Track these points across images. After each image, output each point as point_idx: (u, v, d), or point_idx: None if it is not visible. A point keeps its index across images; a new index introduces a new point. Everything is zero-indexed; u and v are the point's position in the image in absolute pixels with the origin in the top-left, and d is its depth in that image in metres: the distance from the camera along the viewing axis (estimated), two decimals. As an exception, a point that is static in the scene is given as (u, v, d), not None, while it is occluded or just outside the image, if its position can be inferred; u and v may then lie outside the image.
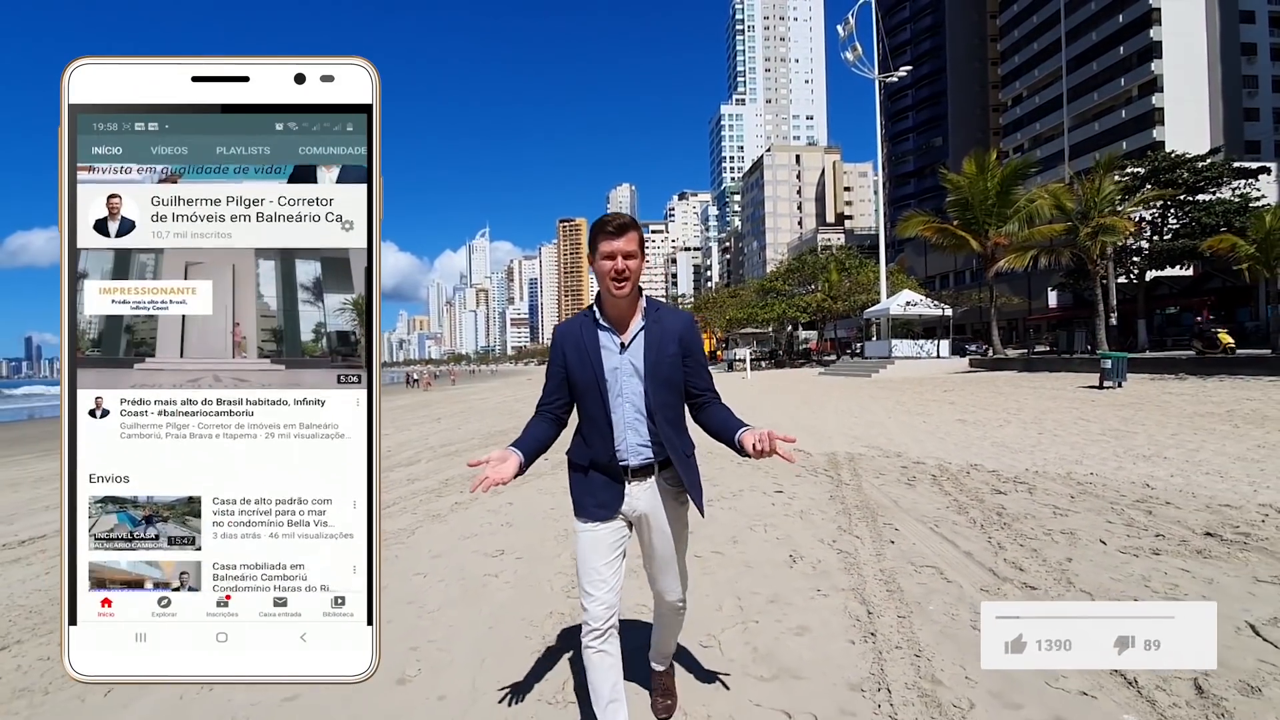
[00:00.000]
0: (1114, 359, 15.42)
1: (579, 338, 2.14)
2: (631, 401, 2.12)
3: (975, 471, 7.04)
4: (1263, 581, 3.63)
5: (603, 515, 2.16)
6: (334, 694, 2.78)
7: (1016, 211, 27.17)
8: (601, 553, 2.15)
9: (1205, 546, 4.24)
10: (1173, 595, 3.50)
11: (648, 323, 2.13)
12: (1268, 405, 11.23)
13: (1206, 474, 6.36)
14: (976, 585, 3.77)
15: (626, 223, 2.02)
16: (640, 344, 2.11)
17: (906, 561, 4.25)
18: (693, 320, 2.25)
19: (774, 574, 4.16)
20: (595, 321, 2.14)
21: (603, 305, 2.13)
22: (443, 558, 4.82)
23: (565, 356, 2.16)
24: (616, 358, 2.11)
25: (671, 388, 2.15)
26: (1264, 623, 3.12)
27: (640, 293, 2.15)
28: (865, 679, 2.78)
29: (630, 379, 2.11)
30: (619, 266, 2.01)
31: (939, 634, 3.18)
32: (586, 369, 2.11)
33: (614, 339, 2.12)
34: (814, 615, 3.48)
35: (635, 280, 2.05)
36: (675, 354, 2.14)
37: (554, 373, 2.20)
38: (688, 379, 2.21)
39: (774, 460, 8.14)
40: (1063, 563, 4.06)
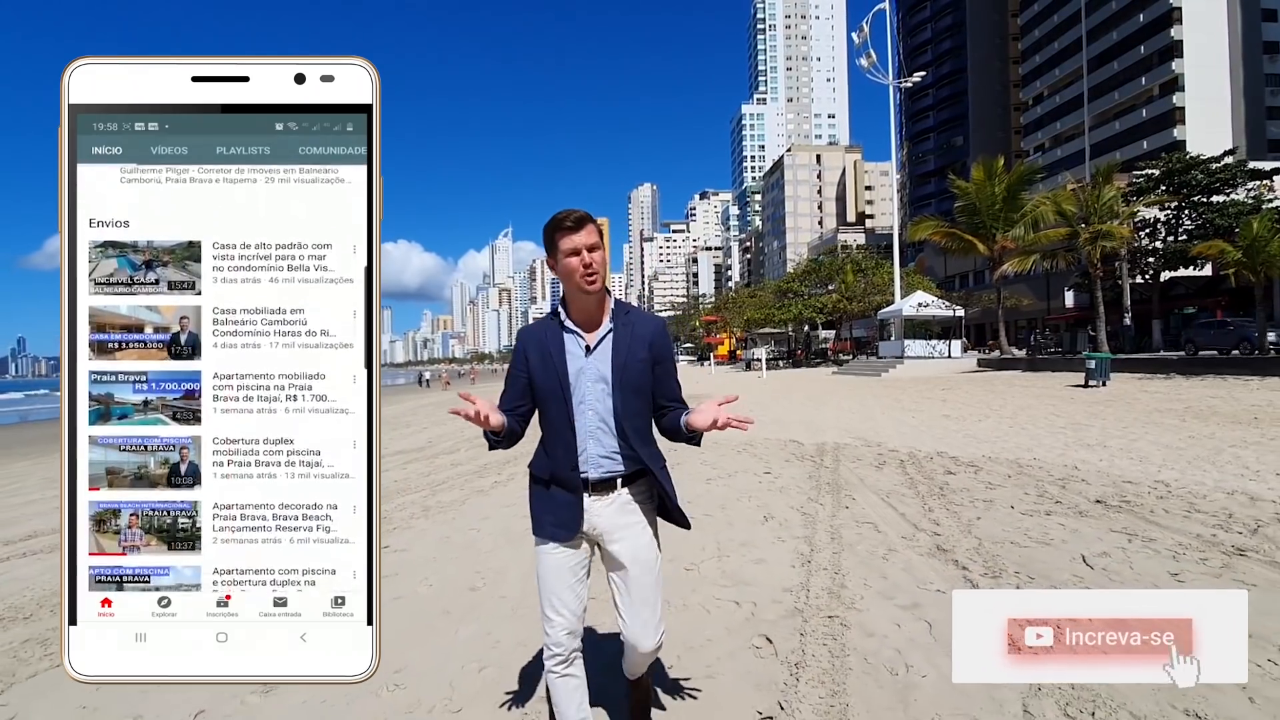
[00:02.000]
0: (1097, 359, 16.42)
1: (542, 340, 2.04)
2: (594, 409, 2.00)
3: (939, 458, 8.19)
4: (1115, 532, 4.78)
5: (561, 535, 2.03)
6: (414, 619, 4.06)
7: (1023, 216, 27.99)
8: (561, 576, 2.04)
9: (1088, 509, 5.39)
10: (1042, 540, 4.66)
11: (616, 325, 2.03)
12: (1225, 403, 12.20)
13: (1129, 458, 7.46)
14: (899, 534, 4.96)
15: (582, 216, 1.95)
16: (608, 347, 2.01)
17: (853, 520, 5.45)
18: (664, 325, 2.17)
19: (749, 528, 5.38)
20: (560, 324, 2.04)
21: (568, 307, 2.04)
22: (490, 519, 6.11)
23: (528, 360, 2.05)
24: (581, 361, 2.01)
25: (639, 395, 2.04)
26: (1095, 555, 4.28)
27: (609, 293, 2.06)
28: (794, 586, 4.00)
29: (595, 384, 2.00)
30: (586, 260, 1.92)
31: (857, 563, 4.38)
32: (550, 372, 2.00)
33: (579, 341, 2.02)
34: (770, 552, 4.71)
35: (603, 274, 1.97)
36: (645, 359, 2.03)
37: (515, 377, 2.09)
38: (656, 388, 2.10)
39: (767, 447, 9.36)
40: (972, 521, 5.23)
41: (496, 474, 8.36)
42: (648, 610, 2.07)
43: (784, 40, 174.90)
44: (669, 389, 2.12)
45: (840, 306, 42.81)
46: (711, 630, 3.41)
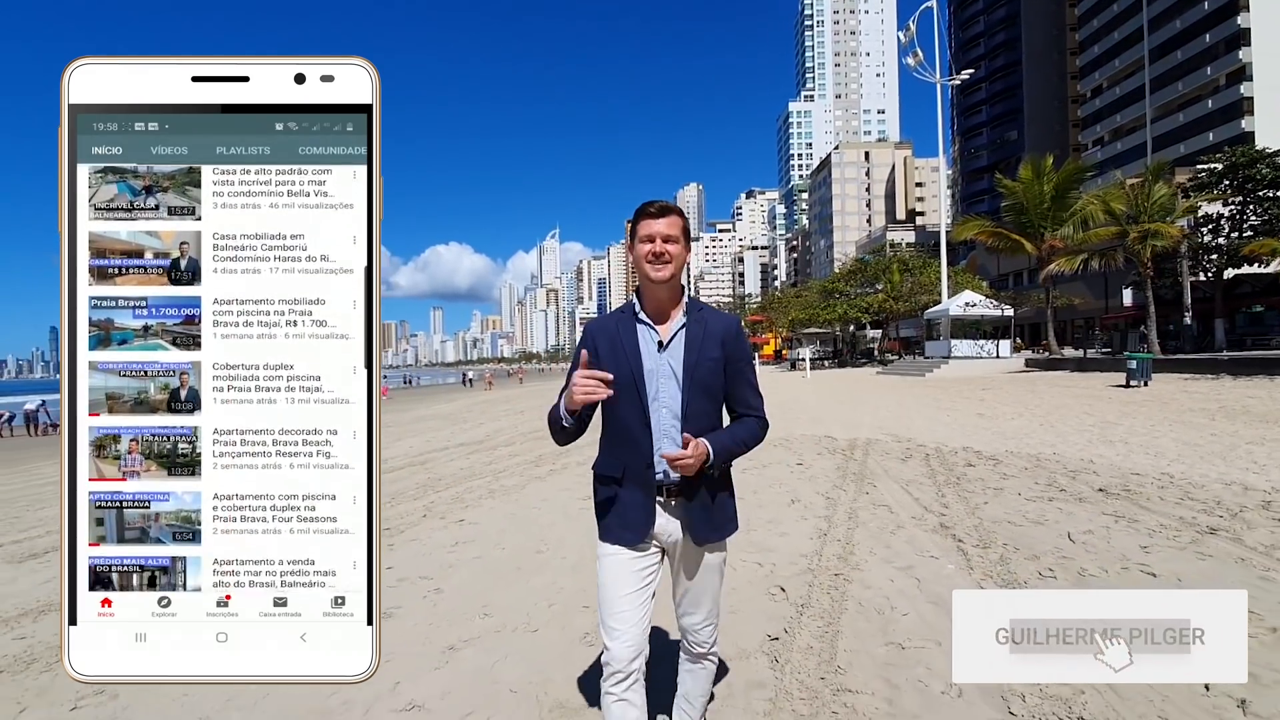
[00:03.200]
0: (1138, 360, 16.44)
1: (614, 332, 1.97)
2: (669, 406, 1.93)
3: (963, 452, 8.70)
4: (1106, 515, 5.32)
5: (629, 539, 1.95)
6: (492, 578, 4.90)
7: (1072, 215, 27.68)
8: (626, 582, 1.94)
9: (1089, 497, 5.92)
10: (1038, 520, 5.23)
11: (689, 321, 1.98)
12: (1261, 403, 12.26)
13: (1146, 454, 7.87)
14: (910, 515, 5.59)
15: (668, 207, 1.93)
16: (680, 343, 1.95)
17: (871, 503, 6.10)
18: (739, 324, 2.07)
19: (777, 509, 6.07)
20: (634, 315, 1.99)
21: (641, 298, 2.01)
22: (549, 500, 6.94)
23: (597, 352, 1.96)
24: (655, 357, 1.94)
25: (709, 395, 1.97)
26: (1080, 533, 4.85)
27: (683, 290, 2.01)
28: (810, 553, 4.70)
29: (668, 381, 1.93)
30: (657, 249, 1.89)
31: (867, 536, 5.04)
32: (623, 367, 1.91)
33: (653, 335, 1.96)
34: (793, 527, 5.40)
35: (677, 267, 1.93)
36: (717, 359, 1.96)
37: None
38: (730, 389, 2.03)
39: (802, 442, 9.99)
40: (978, 505, 5.82)
41: (551, 464, 9.21)
42: (707, 610, 2.07)
43: (832, 36, 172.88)
44: (742, 394, 2.03)
45: (886, 306, 42.64)
46: (736, 583, 4.14)
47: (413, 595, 4.15)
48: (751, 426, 2.02)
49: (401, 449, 12.13)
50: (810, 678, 2.89)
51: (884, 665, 2.99)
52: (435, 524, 6.01)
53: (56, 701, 2.93)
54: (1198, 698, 2.54)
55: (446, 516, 6.29)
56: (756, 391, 2.05)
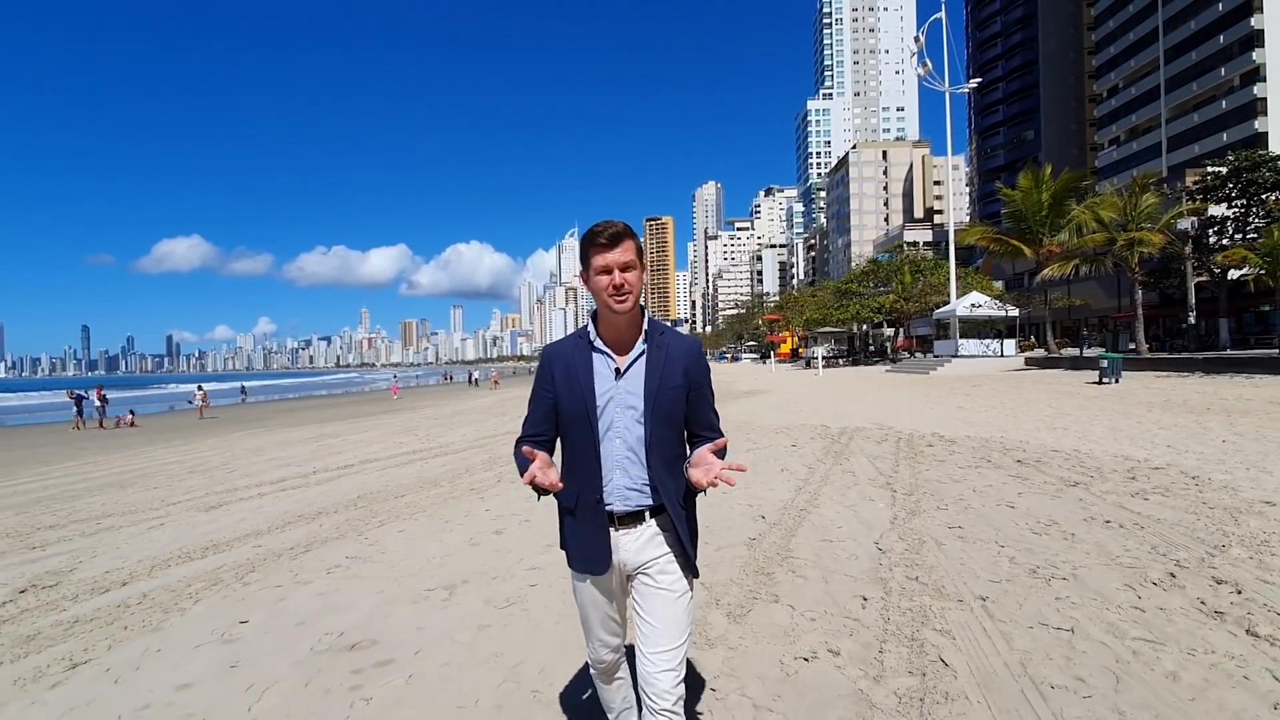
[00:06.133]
0: (1110, 359, 18.14)
1: (570, 359, 1.92)
2: (623, 437, 1.87)
3: (930, 437, 10.53)
4: (1012, 476, 7.16)
5: (592, 569, 1.93)
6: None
7: (1069, 222, 29.24)
8: (597, 608, 2.01)
9: (1007, 466, 7.76)
10: (958, 480, 7.09)
11: (649, 347, 1.91)
12: (1204, 398, 13.92)
13: (1073, 437, 9.66)
14: (867, 478, 7.47)
15: (620, 231, 1.83)
16: (640, 371, 1.89)
17: (841, 471, 7.98)
18: (700, 346, 2.01)
19: (769, 476, 7.96)
20: (589, 343, 1.91)
21: (598, 324, 1.92)
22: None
23: (554, 379, 1.93)
24: (610, 384, 1.88)
25: (671, 424, 1.91)
26: (983, 487, 6.70)
27: (643, 312, 1.92)
28: (787, 499, 6.59)
29: (624, 411, 1.87)
30: (617, 280, 1.81)
31: (831, 490, 6.93)
32: (575, 395, 1.88)
33: (609, 363, 1.90)
34: (779, 485, 7.31)
35: (636, 295, 1.85)
36: (680, 385, 1.90)
37: (540, 399, 1.97)
38: (691, 414, 1.96)
39: (800, 430, 11.95)
40: (920, 471, 7.68)
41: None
42: (669, 649, 1.86)
43: (851, 34, 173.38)
44: (704, 417, 1.99)
45: (897, 307, 44.24)
46: (731, 518, 6.04)
47: (513, 524, 6.13)
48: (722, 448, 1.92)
49: (457, 436, 14.19)
50: (771, 551, 4.82)
51: (817, 545, 4.92)
52: (508, 486, 7.99)
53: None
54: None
55: (516, 481, 8.27)
56: (715, 413, 2.04)
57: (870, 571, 4.32)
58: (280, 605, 4.24)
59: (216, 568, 5.17)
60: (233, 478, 10.10)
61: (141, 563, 5.45)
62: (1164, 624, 3.30)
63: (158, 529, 6.74)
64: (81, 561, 5.62)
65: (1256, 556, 4.19)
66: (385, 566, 4.99)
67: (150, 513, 7.64)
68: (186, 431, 21.64)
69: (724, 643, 3.35)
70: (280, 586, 4.63)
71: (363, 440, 14.80)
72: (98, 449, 16.90)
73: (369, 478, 9.26)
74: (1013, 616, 3.48)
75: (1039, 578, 4.04)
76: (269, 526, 6.51)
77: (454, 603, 4.15)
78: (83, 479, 11.20)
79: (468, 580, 4.58)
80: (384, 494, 7.92)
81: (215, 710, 2.94)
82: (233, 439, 17.51)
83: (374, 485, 8.57)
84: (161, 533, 6.55)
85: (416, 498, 7.59)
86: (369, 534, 6.00)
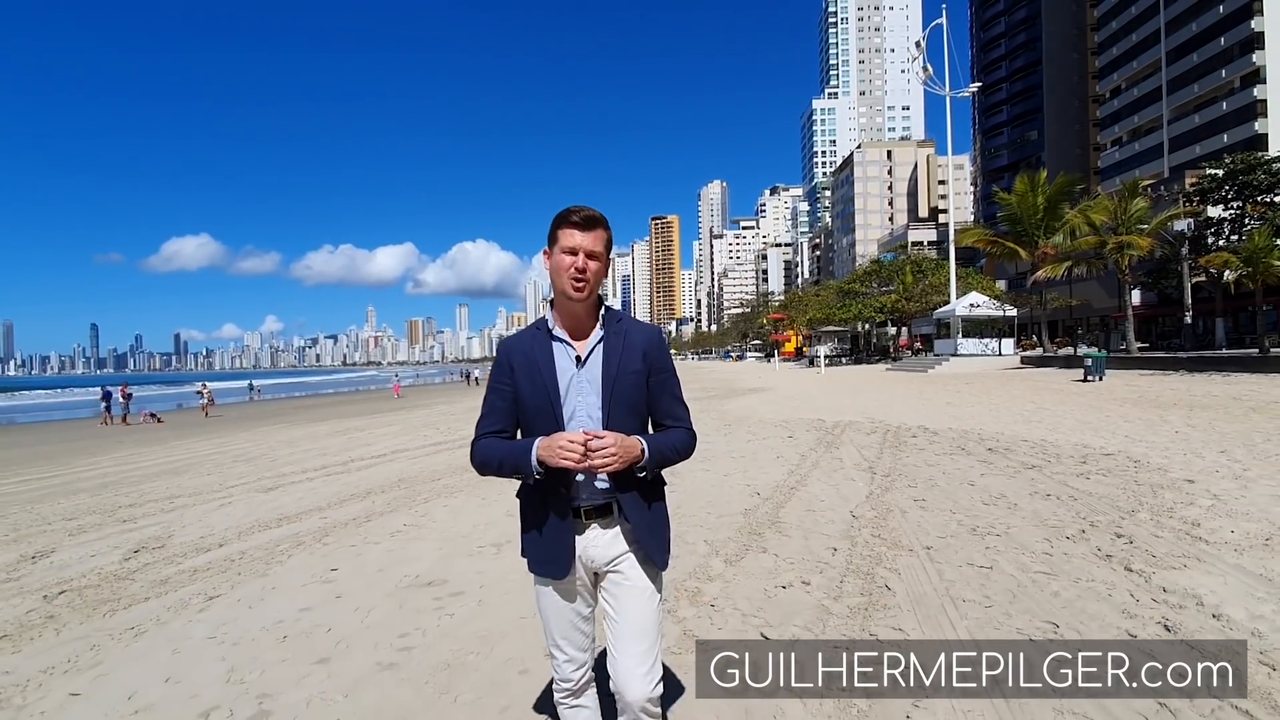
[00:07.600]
0: (1094, 358, 19.03)
1: (529, 350, 1.88)
2: (585, 425, 1.82)
3: (915, 428, 11.44)
4: (979, 460, 8.07)
5: (553, 571, 1.89)
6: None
7: (1063, 225, 30.08)
8: (562, 615, 1.94)
9: (977, 452, 8.68)
10: (931, 464, 8.00)
11: (607, 333, 1.89)
12: (1176, 394, 14.81)
13: (1044, 428, 10.56)
14: (852, 463, 8.40)
15: (595, 217, 1.80)
16: (599, 357, 1.86)
17: (831, 457, 8.91)
18: (660, 333, 1.98)
19: (766, 462, 8.89)
20: (548, 332, 1.89)
21: (557, 312, 1.90)
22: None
23: (513, 372, 1.88)
24: (572, 372, 1.86)
25: (633, 411, 1.87)
26: (952, 469, 7.62)
27: (600, 302, 1.90)
28: (780, 480, 7.52)
29: (586, 398, 1.84)
30: (580, 264, 1.78)
31: (819, 472, 7.85)
32: (538, 386, 1.85)
33: (569, 352, 1.87)
34: (773, 469, 8.24)
35: (594, 285, 1.82)
36: (638, 371, 1.87)
37: (498, 393, 1.91)
38: (653, 403, 1.92)
39: (798, 424, 12.93)
40: (899, 457, 8.60)
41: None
42: (642, 647, 1.84)
43: (856, 33, 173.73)
44: (667, 406, 1.92)
45: (899, 306, 45.09)
46: (731, 494, 6.97)
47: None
48: (681, 435, 1.91)
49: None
50: (763, 518, 5.77)
51: (802, 514, 5.86)
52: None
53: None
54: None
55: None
56: (682, 403, 1.97)
57: (843, 531, 5.26)
58: (360, 559, 5.21)
59: (295, 533, 6.14)
60: (277, 465, 11.09)
61: (228, 530, 6.42)
62: (1063, 563, 4.24)
63: (227, 506, 7.72)
64: (174, 531, 6.59)
65: (1157, 519, 5.12)
66: (438, 531, 5.95)
67: (214, 494, 8.62)
68: (210, 427, 22.70)
69: (722, 578, 4.30)
70: (354, 545, 5.60)
71: (389, 433, 15.79)
72: (134, 442, 17.93)
73: (404, 465, 10.23)
74: (948, 560, 4.42)
75: (977, 535, 4.97)
76: (328, 503, 7.47)
77: (503, 556, 5.10)
78: (135, 467, 12.20)
79: (511, 541, 5.52)
80: (422, 477, 8.89)
81: (337, 622, 3.90)
82: (262, 433, 18.54)
83: (411, 471, 9.54)
84: (233, 509, 7.52)
85: (452, 480, 8.54)
86: (417, 508, 6.96)
